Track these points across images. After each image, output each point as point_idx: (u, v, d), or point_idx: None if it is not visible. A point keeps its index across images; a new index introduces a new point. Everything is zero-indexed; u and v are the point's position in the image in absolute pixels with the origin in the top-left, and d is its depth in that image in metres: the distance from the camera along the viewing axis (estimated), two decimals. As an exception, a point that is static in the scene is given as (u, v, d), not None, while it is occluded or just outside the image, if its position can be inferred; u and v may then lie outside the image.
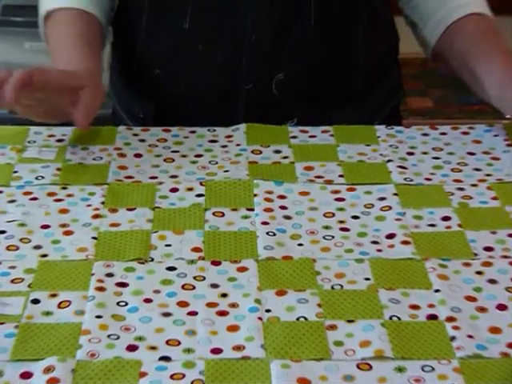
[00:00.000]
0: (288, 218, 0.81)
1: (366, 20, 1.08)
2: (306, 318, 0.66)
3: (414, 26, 1.12)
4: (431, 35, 1.07)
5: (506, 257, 0.75)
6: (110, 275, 0.72)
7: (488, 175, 0.89)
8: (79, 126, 0.88)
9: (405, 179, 0.88)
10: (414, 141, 0.97)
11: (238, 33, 1.02)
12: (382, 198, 0.84)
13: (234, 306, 0.68)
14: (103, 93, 0.96)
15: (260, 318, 0.66)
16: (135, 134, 0.97)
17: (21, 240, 0.77)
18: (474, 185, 0.87)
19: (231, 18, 1.02)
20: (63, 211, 0.82)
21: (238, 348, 0.63)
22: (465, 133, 0.99)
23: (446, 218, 0.81)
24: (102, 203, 0.83)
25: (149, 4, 1.07)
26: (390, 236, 0.78)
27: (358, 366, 0.61)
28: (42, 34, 1.07)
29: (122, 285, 0.71)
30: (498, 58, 0.99)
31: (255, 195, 0.85)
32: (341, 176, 0.89)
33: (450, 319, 0.66)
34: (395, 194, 0.85)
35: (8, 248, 0.75)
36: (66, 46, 0.99)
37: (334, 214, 0.82)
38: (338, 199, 0.84)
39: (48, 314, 0.67)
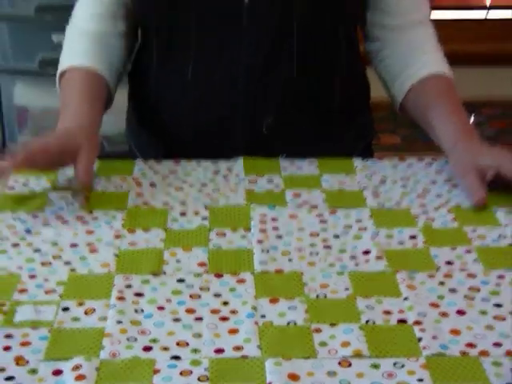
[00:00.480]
0: (279, 237, 0.81)
1: (341, 71, 1.08)
2: (295, 323, 0.67)
3: (384, 83, 1.11)
4: (398, 93, 1.07)
5: (463, 270, 0.75)
6: (128, 286, 0.72)
7: (448, 201, 0.89)
8: (82, 183, 0.87)
9: (378, 204, 0.88)
10: (385, 171, 0.97)
11: (232, 85, 1.02)
12: (359, 220, 0.85)
13: (233, 312, 0.68)
14: (98, 146, 0.93)
15: (256, 323, 0.66)
16: (150, 167, 0.98)
17: (53, 257, 0.77)
18: (436, 208, 0.87)
19: (227, 73, 1.02)
20: (89, 232, 0.82)
21: (238, 348, 0.63)
22: (428, 164, 0.99)
23: (412, 237, 0.81)
24: (122, 225, 0.83)
25: (157, 62, 1.07)
26: (366, 252, 0.78)
27: (339, 364, 0.61)
28: (58, 91, 1.06)
29: (139, 295, 0.71)
30: (453, 117, 0.98)
31: (251, 218, 0.85)
32: (324, 201, 0.89)
33: (417, 323, 0.66)
34: (370, 217, 0.85)
35: (42, 263, 0.75)
36: (72, 102, 0.98)
37: (318, 234, 0.82)
38: (321, 221, 0.85)
39: (76, 319, 0.67)
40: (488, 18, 2.25)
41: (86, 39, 1.05)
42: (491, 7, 2.23)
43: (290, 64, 1.02)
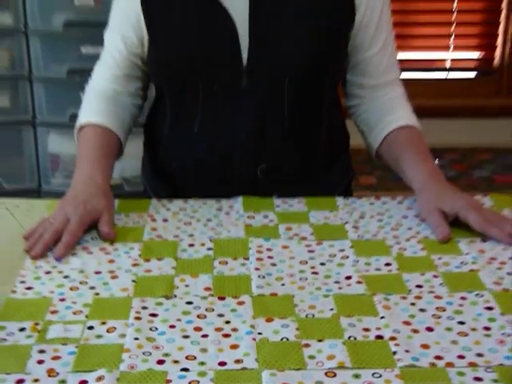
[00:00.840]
0: (274, 265, 0.81)
1: (325, 124, 1.09)
2: (287, 339, 0.67)
3: (362, 133, 1.12)
4: (374, 142, 1.07)
5: (431, 292, 0.75)
6: (144, 308, 0.72)
7: (417, 233, 0.90)
8: (107, 237, 0.87)
9: (358, 236, 0.88)
10: (363, 208, 0.97)
11: (233, 138, 1.03)
12: (342, 250, 0.85)
13: (234, 330, 0.68)
14: (113, 199, 0.94)
15: (254, 339, 0.66)
16: (163, 205, 0.98)
17: (80, 282, 0.77)
18: (407, 240, 0.88)
19: (228, 128, 1.03)
20: (111, 261, 0.82)
21: (238, 361, 0.63)
22: (400, 202, 1.00)
23: (387, 264, 0.81)
24: (139, 255, 0.84)
25: (169, 117, 1.08)
26: (348, 277, 0.78)
27: (325, 374, 0.61)
28: (76, 140, 1.07)
29: (154, 315, 0.71)
30: (421, 164, 0.99)
31: (250, 248, 0.85)
32: (312, 234, 0.89)
33: (392, 338, 0.66)
34: (351, 247, 0.86)
35: (71, 288, 0.76)
36: (88, 157, 0.98)
37: (307, 262, 0.82)
38: (309, 251, 0.85)
39: (99, 337, 0.67)
40: (448, 78, 2.29)
41: (102, 98, 1.05)
42: (450, 69, 2.27)
43: (282, 121, 1.03)
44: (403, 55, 2.27)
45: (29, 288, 0.76)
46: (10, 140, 1.86)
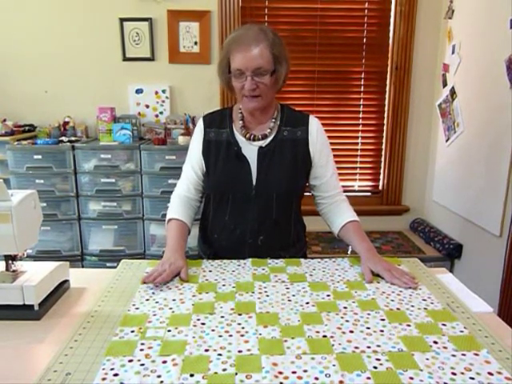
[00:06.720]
0: (267, 295, 0.80)
1: (293, 219, 1.06)
2: (275, 337, 0.66)
3: (327, 224, 1.06)
4: (335, 230, 1.02)
5: (351, 310, 0.73)
6: (198, 320, 0.71)
7: (343, 278, 0.87)
8: (185, 281, 0.85)
9: (312, 280, 0.85)
10: (314, 264, 0.94)
11: (246, 223, 1.01)
12: (303, 287, 0.82)
13: (247, 332, 0.68)
14: (186, 261, 0.91)
15: (257, 337, 0.66)
16: (209, 263, 0.96)
17: (164, 305, 0.76)
18: (338, 282, 0.85)
19: (243, 217, 1.01)
20: (181, 293, 0.81)
21: (248, 350, 0.63)
22: (334, 261, 0.95)
23: (328, 295, 0.79)
24: (196, 290, 0.82)
25: (212, 211, 1.06)
26: (307, 303, 0.76)
27: (295, 357, 0.59)
28: (166, 228, 1.01)
29: (203, 324, 0.70)
30: (363, 244, 0.95)
31: (254, 287, 0.83)
32: (287, 279, 0.87)
33: (331, 337, 0.64)
34: (308, 286, 0.83)
35: (159, 308, 0.75)
36: (173, 239, 0.95)
37: (285, 294, 0.80)
38: (286, 288, 0.82)
39: (174, 335, 0.66)
40: (356, 195, 2.18)
41: (180, 202, 1.02)
42: (357, 191, 2.19)
43: (271, 215, 1.02)
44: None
45: (137, 308, 0.75)
46: (132, 228, 1.86)
